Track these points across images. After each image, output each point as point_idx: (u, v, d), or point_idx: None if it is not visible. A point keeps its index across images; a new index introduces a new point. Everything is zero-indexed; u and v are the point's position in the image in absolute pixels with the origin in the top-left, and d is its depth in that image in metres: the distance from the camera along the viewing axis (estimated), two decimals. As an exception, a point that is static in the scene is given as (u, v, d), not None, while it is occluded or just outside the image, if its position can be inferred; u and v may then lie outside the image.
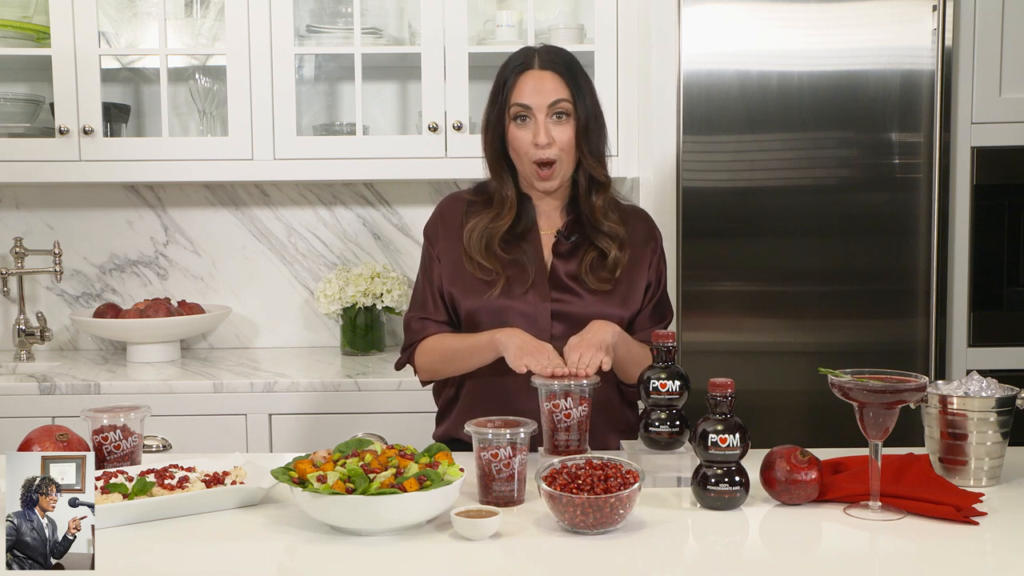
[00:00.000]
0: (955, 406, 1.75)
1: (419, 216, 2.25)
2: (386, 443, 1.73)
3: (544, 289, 2.08)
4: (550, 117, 2.05)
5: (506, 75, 2.09)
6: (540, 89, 2.05)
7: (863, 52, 2.69)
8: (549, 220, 2.15)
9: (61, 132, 2.89)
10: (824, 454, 1.78)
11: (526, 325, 2.04)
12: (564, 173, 2.09)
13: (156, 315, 2.98)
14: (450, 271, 2.11)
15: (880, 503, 1.62)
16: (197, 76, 3.06)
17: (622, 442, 1.92)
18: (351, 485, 1.51)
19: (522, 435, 1.65)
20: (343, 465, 1.58)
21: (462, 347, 2.06)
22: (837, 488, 1.68)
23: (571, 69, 2.09)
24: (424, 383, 2.20)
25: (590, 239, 2.11)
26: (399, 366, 2.23)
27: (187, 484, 1.69)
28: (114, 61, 3.14)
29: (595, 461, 1.60)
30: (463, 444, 2.02)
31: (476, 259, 2.07)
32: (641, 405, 1.85)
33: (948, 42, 2.68)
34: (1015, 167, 2.73)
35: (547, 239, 2.13)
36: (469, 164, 2.26)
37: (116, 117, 3.07)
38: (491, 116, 2.10)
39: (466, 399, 2.12)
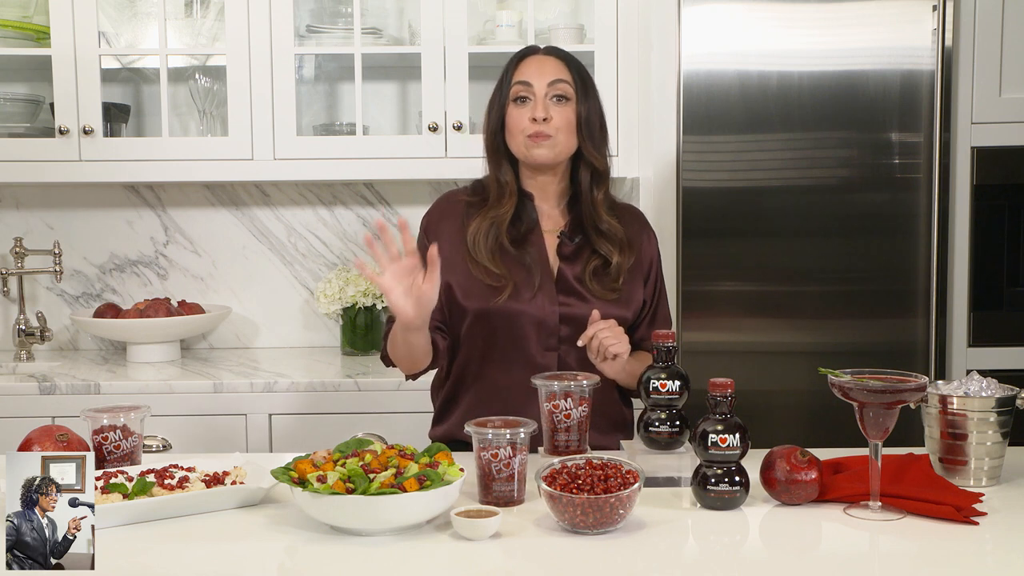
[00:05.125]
0: (955, 406, 1.75)
1: (419, 216, 2.25)
2: (386, 443, 1.73)
3: (552, 292, 2.07)
4: (550, 98, 2.07)
5: (510, 64, 2.12)
6: (541, 70, 2.08)
7: (863, 52, 2.69)
8: (551, 220, 2.15)
9: (61, 132, 2.89)
10: (824, 454, 1.78)
11: (535, 328, 2.05)
12: (560, 151, 2.08)
13: (156, 315, 2.98)
14: (453, 272, 2.10)
15: (880, 503, 1.62)
16: (197, 76, 3.06)
17: (622, 442, 1.92)
18: (351, 485, 1.51)
19: (522, 435, 1.65)
20: (343, 465, 1.58)
21: (395, 339, 2.04)
22: (837, 488, 1.68)
23: (576, 63, 2.13)
24: (408, 377, 2.16)
25: (592, 243, 2.11)
26: (382, 360, 2.23)
27: (187, 484, 1.69)
28: (114, 61, 3.14)
29: (595, 461, 1.60)
30: (462, 444, 2.02)
31: (484, 264, 2.06)
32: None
33: (948, 42, 2.68)
34: (1015, 167, 2.73)
35: (550, 240, 2.13)
36: (469, 164, 2.27)
37: (116, 117, 3.07)
38: (492, 104, 2.12)
39: (464, 401, 2.12)
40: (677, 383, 1.77)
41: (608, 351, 1.93)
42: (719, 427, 1.64)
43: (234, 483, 1.70)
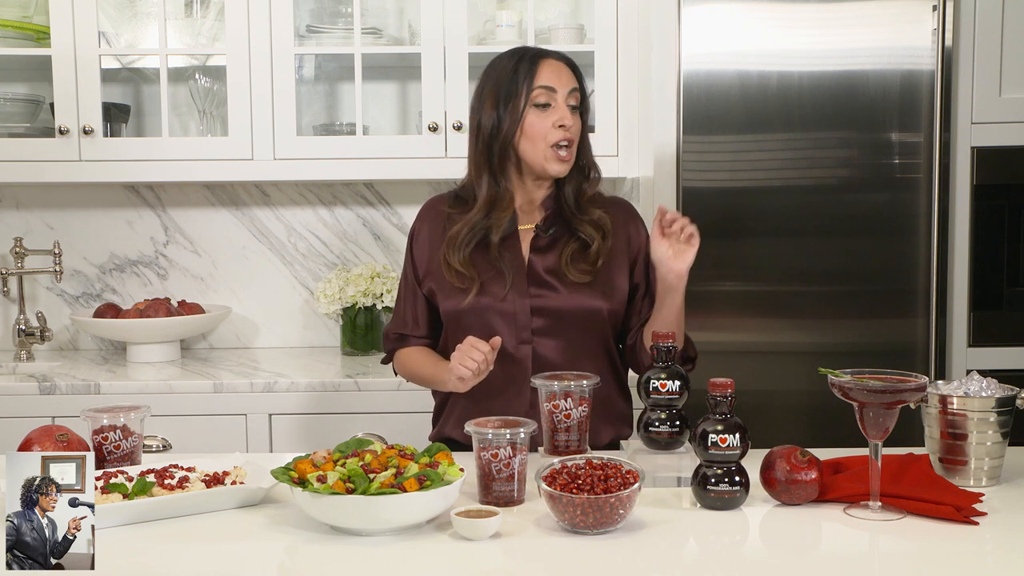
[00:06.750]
0: (955, 406, 1.75)
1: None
2: (386, 443, 1.73)
3: (523, 286, 2.07)
4: (568, 106, 2.07)
5: (518, 65, 2.06)
6: (561, 76, 2.07)
7: (863, 52, 2.69)
8: (528, 216, 2.15)
9: (61, 132, 2.89)
10: (824, 454, 1.78)
11: (506, 323, 2.04)
12: (573, 160, 2.10)
13: (156, 315, 2.98)
14: (431, 274, 2.13)
15: (880, 503, 1.62)
16: (197, 76, 3.06)
17: (622, 442, 1.92)
18: (351, 485, 1.52)
19: (522, 435, 1.65)
20: (343, 465, 1.58)
21: (424, 375, 2.14)
22: (837, 488, 1.68)
23: (580, 71, 2.13)
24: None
25: (572, 229, 2.10)
26: (384, 362, 2.29)
27: (187, 484, 1.69)
28: (114, 61, 3.14)
29: (595, 461, 1.60)
30: (456, 444, 2.04)
31: (455, 267, 2.07)
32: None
33: (948, 42, 2.68)
34: (1015, 167, 2.73)
35: (525, 235, 2.12)
36: (469, 164, 2.29)
37: (116, 117, 3.07)
38: (501, 106, 2.05)
39: (452, 403, 2.14)
40: (677, 383, 1.78)
41: (685, 231, 1.94)
42: (719, 427, 1.64)
43: (234, 483, 1.70)
